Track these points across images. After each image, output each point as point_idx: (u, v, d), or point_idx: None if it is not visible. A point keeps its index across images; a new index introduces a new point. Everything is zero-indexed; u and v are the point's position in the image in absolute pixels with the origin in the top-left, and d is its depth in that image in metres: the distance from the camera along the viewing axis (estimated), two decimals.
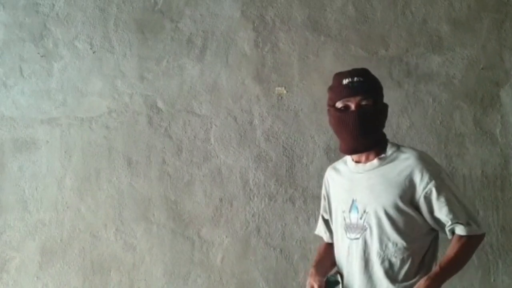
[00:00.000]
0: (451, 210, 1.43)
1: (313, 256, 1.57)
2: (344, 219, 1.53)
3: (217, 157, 2.33)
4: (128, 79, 2.40)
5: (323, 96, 2.28)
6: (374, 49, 2.32)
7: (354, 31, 2.33)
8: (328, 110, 1.56)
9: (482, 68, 2.27)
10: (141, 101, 2.38)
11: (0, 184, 2.39)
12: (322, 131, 2.27)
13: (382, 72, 2.22)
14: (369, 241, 1.46)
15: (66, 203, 2.36)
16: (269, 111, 2.33)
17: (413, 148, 1.56)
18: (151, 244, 2.31)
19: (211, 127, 2.34)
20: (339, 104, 1.50)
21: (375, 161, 1.51)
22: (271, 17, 2.37)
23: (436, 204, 1.43)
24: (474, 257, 2.17)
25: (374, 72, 1.60)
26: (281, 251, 2.25)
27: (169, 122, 2.36)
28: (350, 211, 1.52)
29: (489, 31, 2.28)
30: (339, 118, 1.49)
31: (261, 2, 2.38)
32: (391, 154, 1.51)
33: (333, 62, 2.32)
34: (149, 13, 2.42)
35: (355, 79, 1.48)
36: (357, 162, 1.55)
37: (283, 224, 2.25)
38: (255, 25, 2.37)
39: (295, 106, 2.31)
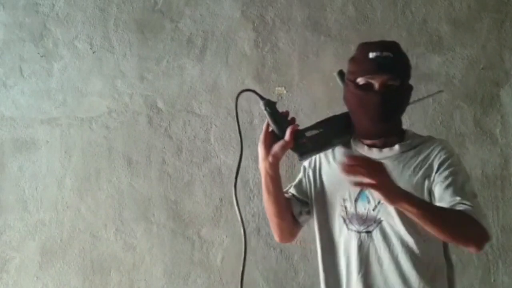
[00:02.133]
0: (461, 193, 1.24)
1: (313, 255, 1.51)
2: (345, 209, 1.35)
3: (217, 157, 2.33)
4: (128, 79, 2.40)
5: (323, 96, 2.31)
6: None
7: (354, 31, 2.33)
8: (346, 84, 1.37)
9: (482, 68, 2.27)
10: (141, 101, 2.38)
11: (0, 184, 2.39)
12: None
13: None
14: (388, 234, 1.29)
15: (66, 203, 2.36)
16: None
17: (431, 136, 1.42)
18: (151, 244, 2.31)
19: (211, 127, 2.34)
20: (360, 81, 1.31)
21: (397, 147, 1.34)
22: (271, 17, 2.37)
23: (446, 188, 1.26)
24: (474, 257, 2.18)
25: None
26: (281, 251, 2.25)
27: (169, 122, 2.36)
28: (357, 200, 1.34)
29: (489, 31, 2.27)
30: (359, 97, 1.31)
31: (261, 2, 2.38)
32: (412, 140, 1.36)
33: (333, 62, 2.31)
34: (149, 13, 2.42)
35: (384, 54, 1.29)
36: (371, 146, 1.36)
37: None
38: (255, 25, 2.37)
39: (295, 106, 2.31)
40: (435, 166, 1.30)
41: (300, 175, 1.48)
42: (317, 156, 1.44)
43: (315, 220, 1.44)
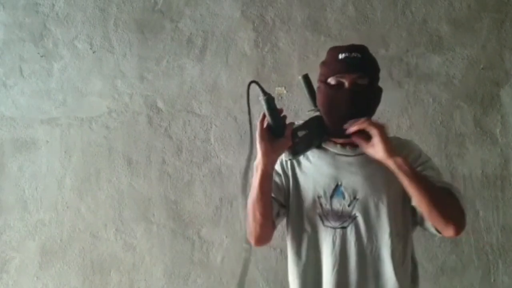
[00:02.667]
0: (440, 179, 1.35)
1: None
2: (321, 205, 1.38)
3: (217, 157, 2.33)
4: (128, 79, 2.40)
5: None
6: (374, 49, 2.28)
7: (354, 31, 2.33)
8: (318, 87, 1.42)
9: (482, 68, 2.27)
10: (141, 101, 2.38)
11: (0, 184, 2.39)
12: None
13: (382, 72, 2.18)
14: (362, 230, 1.34)
15: (66, 203, 2.36)
16: None
17: (398, 137, 1.48)
18: (151, 244, 2.31)
19: (211, 127, 2.35)
20: (331, 81, 1.36)
21: None
22: (271, 17, 2.37)
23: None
24: (474, 257, 2.19)
25: None
26: (281, 251, 2.25)
27: (169, 122, 2.36)
28: (332, 197, 1.37)
29: (489, 31, 2.28)
30: (330, 96, 1.35)
31: (261, 2, 2.38)
32: None
33: None
34: (149, 13, 2.42)
35: (353, 54, 1.35)
36: (343, 144, 1.41)
37: (283, 224, 2.25)
38: (255, 25, 2.37)
39: (295, 106, 2.31)
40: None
41: (273, 177, 1.45)
42: None
43: (289, 219, 1.46)
